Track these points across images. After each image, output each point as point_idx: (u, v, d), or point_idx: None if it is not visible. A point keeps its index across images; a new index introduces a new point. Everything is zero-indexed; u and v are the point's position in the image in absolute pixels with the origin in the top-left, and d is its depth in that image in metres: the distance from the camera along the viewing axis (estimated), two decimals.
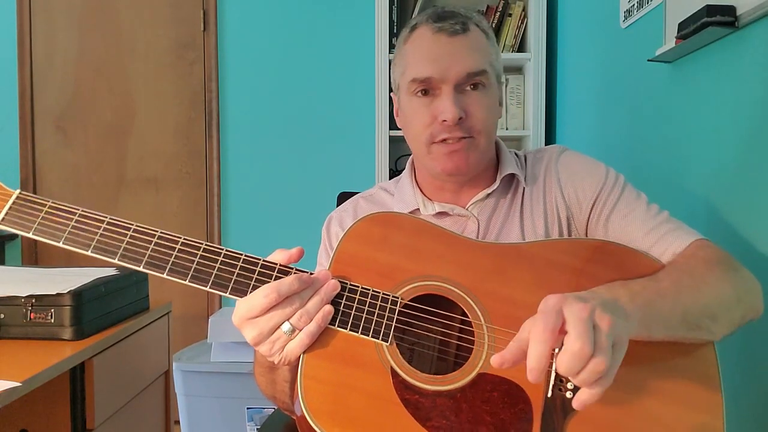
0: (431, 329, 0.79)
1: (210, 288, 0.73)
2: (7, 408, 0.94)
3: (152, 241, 0.74)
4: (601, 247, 0.85)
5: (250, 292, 0.72)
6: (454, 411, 0.72)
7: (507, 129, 2.35)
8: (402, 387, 0.72)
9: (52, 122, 2.78)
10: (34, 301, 1.21)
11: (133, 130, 2.77)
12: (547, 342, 0.60)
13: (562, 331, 0.61)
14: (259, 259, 0.75)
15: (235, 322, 0.72)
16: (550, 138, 2.31)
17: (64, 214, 0.75)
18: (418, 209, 0.99)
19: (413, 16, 2.32)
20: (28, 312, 1.20)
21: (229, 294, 0.73)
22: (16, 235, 2.78)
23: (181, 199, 2.77)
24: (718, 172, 1.12)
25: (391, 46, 2.30)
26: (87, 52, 2.77)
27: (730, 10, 1.01)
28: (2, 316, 1.21)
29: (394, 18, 2.34)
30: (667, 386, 0.77)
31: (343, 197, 1.28)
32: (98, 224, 0.75)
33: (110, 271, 1.45)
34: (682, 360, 0.78)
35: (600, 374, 0.60)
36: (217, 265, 0.74)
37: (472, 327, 0.77)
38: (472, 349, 0.76)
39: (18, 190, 0.77)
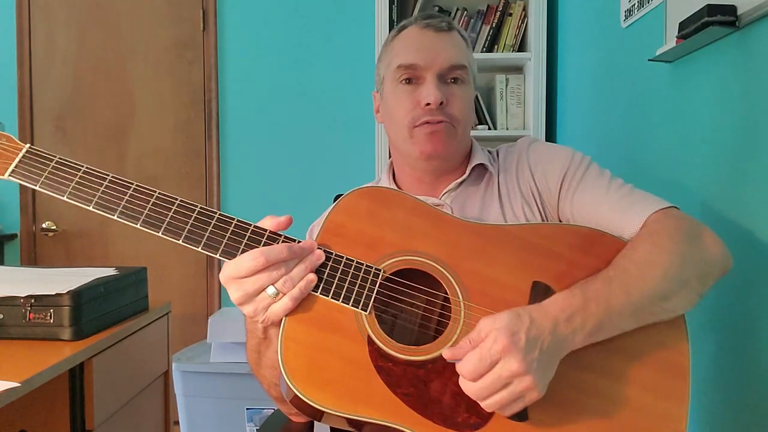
0: (410, 302, 0.82)
1: (202, 249, 0.76)
2: (6, 408, 0.93)
3: (150, 200, 0.77)
4: (583, 233, 0.88)
5: (239, 255, 0.75)
6: (423, 380, 0.75)
7: (507, 129, 2.35)
8: (376, 354, 0.75)
9: (51, 121, 2.77)
10: (33, 301, 1.20)
11: (133, 130, 2.77)
12: (475, 380, 0.70)
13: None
14: (250, 225, 0.78)
15: (222, 280, 0.76)
16: (550, 138, 2.31)
17: (69, 170, 0.78)
18: None
19: (413, 16, 2.32)
20: (27, 312, 1.20)
21: (219, 255, 0.76)
22: (16, 235, 2.78)
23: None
24: (717, 171, 1.12)
25: None
26: (86, 52, 2.76)
27: (730, 9, 1.01)
28: (1, 316, 1.21)
29: (394, 18, 2.33)
30: (637, 373, 0.79)
31: None
32: (101, 181, 0.77)
33: (109, 272, 1.45)
34: (655, 349, 0.80)
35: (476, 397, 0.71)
36: (210, 228, 0.77)
37: (449, 302, 0.80)
38: (447, 323, 0.79)
39: (28, 144, 0.79)
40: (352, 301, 0.77)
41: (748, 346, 1.02)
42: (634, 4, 1.49)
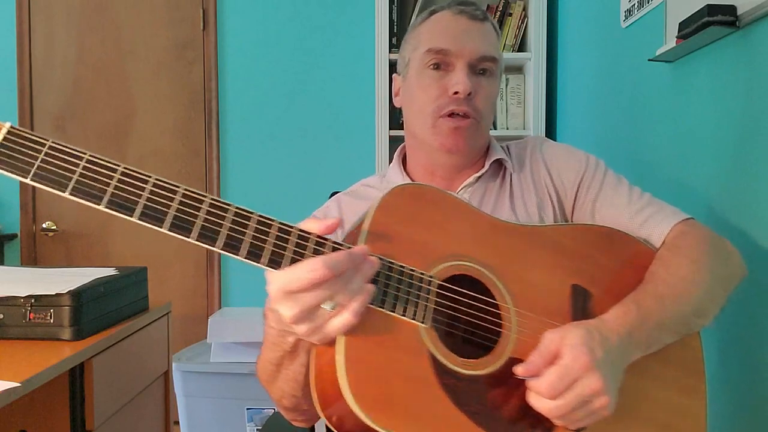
0: (464, 311, 0.77)
1: (245, 258, 0.64)
2: (6, 408, 0.93)
3: (175, 197, 0.63)
4: (607, 235, 0.88)
5: (286, 264, 0.65)
6: (486, 396, 0.72)
7: (507, 129, 2.35)
8: (440, 371, 0.70)
9: (51, 122, 2.77)
10: (33, 301, 1.20)
11: (133, 130, 2.77)
12: (553, 397, 0.68)
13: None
14: (293, 227, 0.67)
15: (272, 294, 0.64)
16: (550, 138, 2.31)
17: (68, 158, 0.62)
18: None
19: (413, 16, 2.32)
20: (28, 312, 1.20)
21: (266, 265, 0.65)
22: (16, 235, 2.78)
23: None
24: (718, 171, 1.12)
25: (392, 46, 2.29)
26: (86, 52, 2.76)
27: (730, 9, 1.01)
28: (1, 316, 1.21)
29: (394, 18, 2.33)
30: (667, 372, 0.81)
31: None
32: (111, 173, 0.63)
33: (110, 271, 1.45)
34: (677, 348, 0.81)
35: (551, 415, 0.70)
36: (251, 232, 0.65)
37: (498, 309, 0.77)
38: (500, 332, 0.76)
39: (9, 123, 0.62)
40: (411, 313, 0.70)
41: (752, 347, 1.02)
42: (634, 4, 1.49)
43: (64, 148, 0.63)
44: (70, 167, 0.62)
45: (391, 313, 0.69)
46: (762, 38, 0.98)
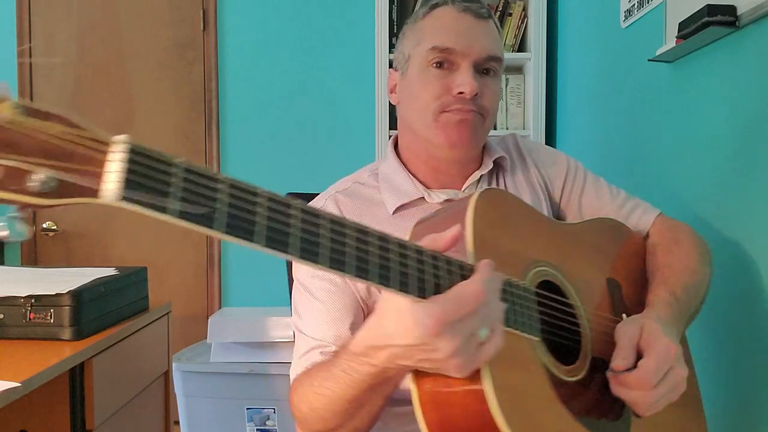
0: (554, 316, 0.75)
1: (398, 289, 0.55)
2: (6, 408, 0.93)
3: (320, 223, 0.53)
4: (615, 228, 0.95)
5: (430, 291, 0.56)
6: (590, 398, 0.73)
7: (507, 129, 2.35)
8: (556, 384, 0.68)
9: None
10: (33, 301, 1.20)
11: (133, 130, 2.74)
12: (649, 389, 0.70)
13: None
14: (423, 248, 0.59)
15: (429, 329, 0.54)
16: (550, 138, 2.31)
17: (207, 182, 0.47)
18: (423, 198, 0.96)
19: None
20: (28, 312, 1.20)
21: (415, 295, 0.56)
22: None
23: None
24: (717, 171, 1.12)
25: (392, 46, 2.29)
26: (86, 52, 2.76)
27: (730, 9, 1.01)
28: (2, 316, 1.21)
29: (394, 18, 2.33)
30: None
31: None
32: (254, 199, 0.50)
33: (110, 272, 1.45)
34: None
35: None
36: (397, 258, 0.56)
37: (573, 309, 0.78)
38: (579, 332, 0.77)
39: (124, 136, 0.45)
40: (527, 327, 0.66)
41: (746, 349, 1.02)
42: (634, 4, 1.49)
43: (198, 171, 0.47)
44: (211, 194, 0.47)
45: (514, 331, 0.64)
46: (762, 38, 0.98)
